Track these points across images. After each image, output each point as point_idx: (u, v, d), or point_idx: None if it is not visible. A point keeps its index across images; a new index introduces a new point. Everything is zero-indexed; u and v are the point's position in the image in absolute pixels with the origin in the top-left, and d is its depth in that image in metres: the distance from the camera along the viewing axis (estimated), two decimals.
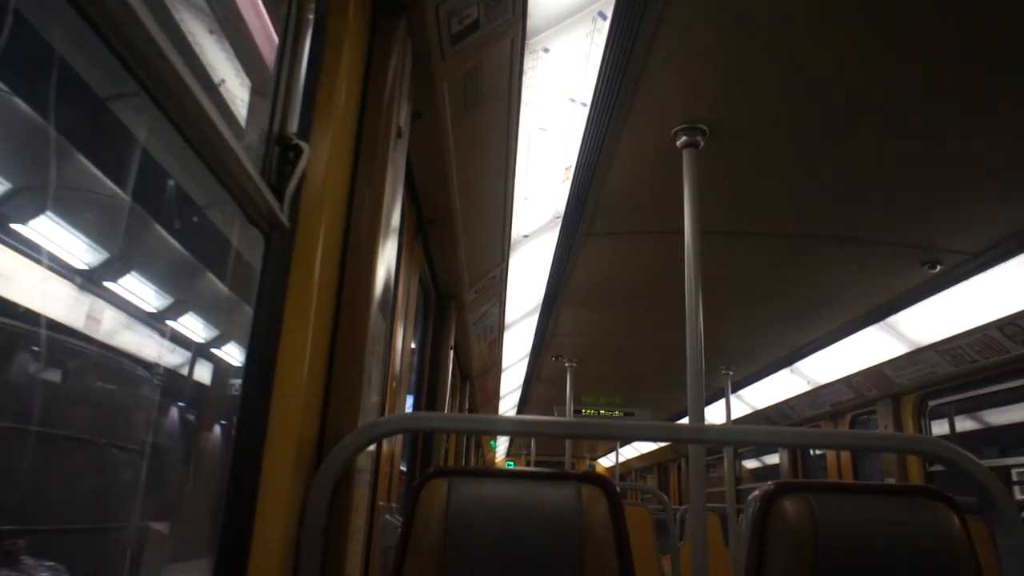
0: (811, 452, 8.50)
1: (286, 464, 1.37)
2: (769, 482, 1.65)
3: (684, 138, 3.05)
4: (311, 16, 1.57)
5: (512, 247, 4.30)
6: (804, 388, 7.52)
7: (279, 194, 1.42)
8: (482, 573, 1.21)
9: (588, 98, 3.08)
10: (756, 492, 1.61)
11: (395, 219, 1.91)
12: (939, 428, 6.21)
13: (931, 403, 6.18)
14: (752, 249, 4.35)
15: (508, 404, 12.02)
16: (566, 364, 7.56)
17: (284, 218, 1.43)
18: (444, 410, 4.38)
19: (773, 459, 10.08)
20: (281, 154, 1.46)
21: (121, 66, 0.90)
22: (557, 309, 5.79)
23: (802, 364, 7.09)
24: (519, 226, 4.23)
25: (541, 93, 3.16)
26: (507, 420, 1.48)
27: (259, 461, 1.35)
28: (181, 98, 0.99)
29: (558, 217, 4.19)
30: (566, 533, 1.21)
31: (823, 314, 5.75)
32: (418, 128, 2.43)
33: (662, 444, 13.12)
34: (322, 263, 1.52)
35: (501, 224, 3.76)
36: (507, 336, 6.96)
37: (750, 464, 11.33)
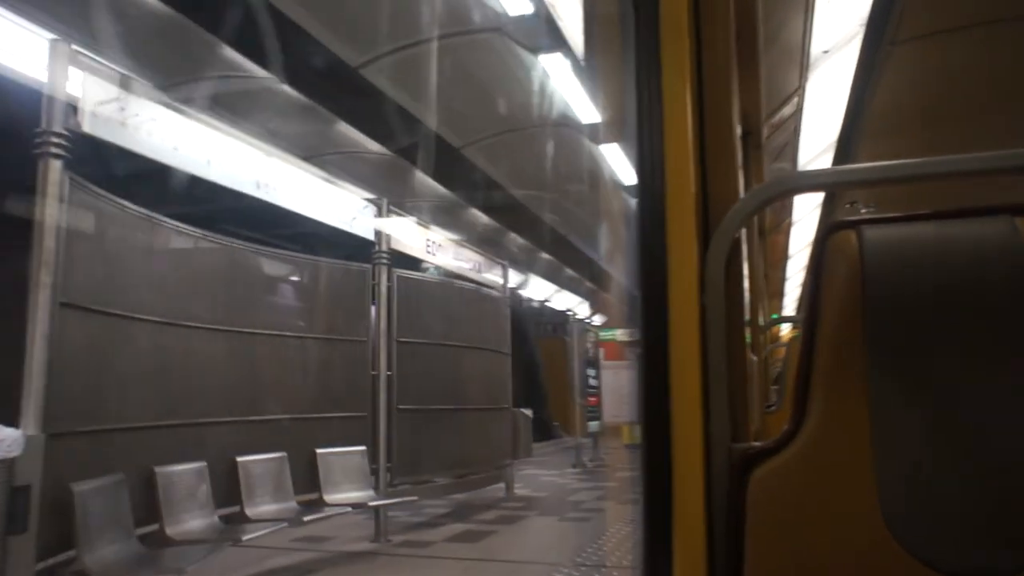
0: None
1: (687, 226, 1.40)
2: None
3: None
4: None
5: (810, 67, 3.98)
6: None
7: None
8: (908, 319, 1.14)
9: None
10: None
11: None
12: None
13: None
14: None
15: (796, 265, 11.42)
16: (862, 210, 6.98)
17: None
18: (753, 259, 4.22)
19: None
20: None
21: None
22: (854, 142, 5.32)
23: None
24: (818, 40, 3.90)
25: None
26: (927, 162, 1.36)
27: (663, 225, 1.40)
28: None
29: (862, 25, 3.79)
30: (1000, 275, 1.09)
31: None
32: None
33: None
34: (689, 32, 1.50)
35: (801, 35, 3.47)
36: None
37: None
